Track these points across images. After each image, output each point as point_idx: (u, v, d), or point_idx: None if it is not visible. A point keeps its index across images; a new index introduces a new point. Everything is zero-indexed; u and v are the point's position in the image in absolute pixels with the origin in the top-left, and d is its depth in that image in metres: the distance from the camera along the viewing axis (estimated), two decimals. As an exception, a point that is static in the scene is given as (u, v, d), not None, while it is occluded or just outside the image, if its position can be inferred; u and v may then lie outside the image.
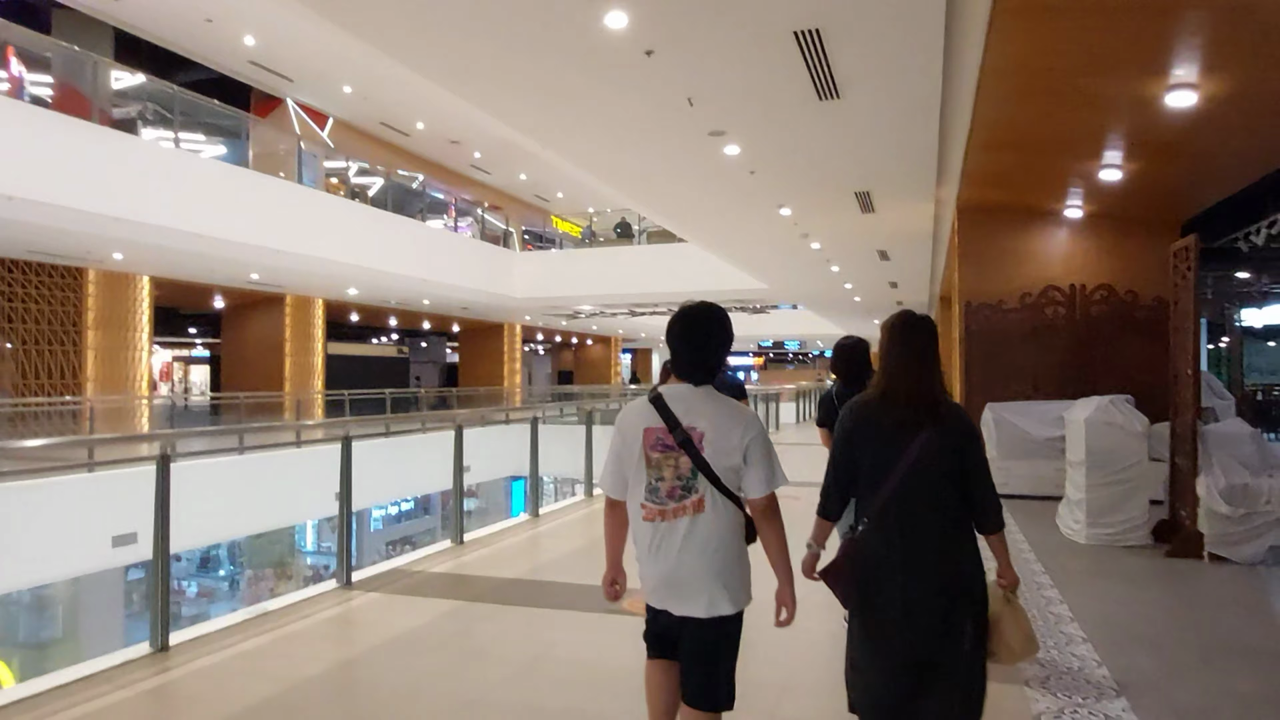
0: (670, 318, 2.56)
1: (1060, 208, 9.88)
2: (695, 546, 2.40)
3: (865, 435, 2.56)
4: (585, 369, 41.25)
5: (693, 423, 2.42)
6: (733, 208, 11.14)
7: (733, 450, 2.42)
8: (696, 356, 2.51)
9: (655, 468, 2.44)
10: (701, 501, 2.41)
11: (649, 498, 2.45)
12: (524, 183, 29.26)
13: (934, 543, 2.46)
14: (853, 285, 19.99)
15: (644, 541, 2.49)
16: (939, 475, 2.47)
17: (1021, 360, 10.12)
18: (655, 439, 2.45)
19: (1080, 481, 7.08)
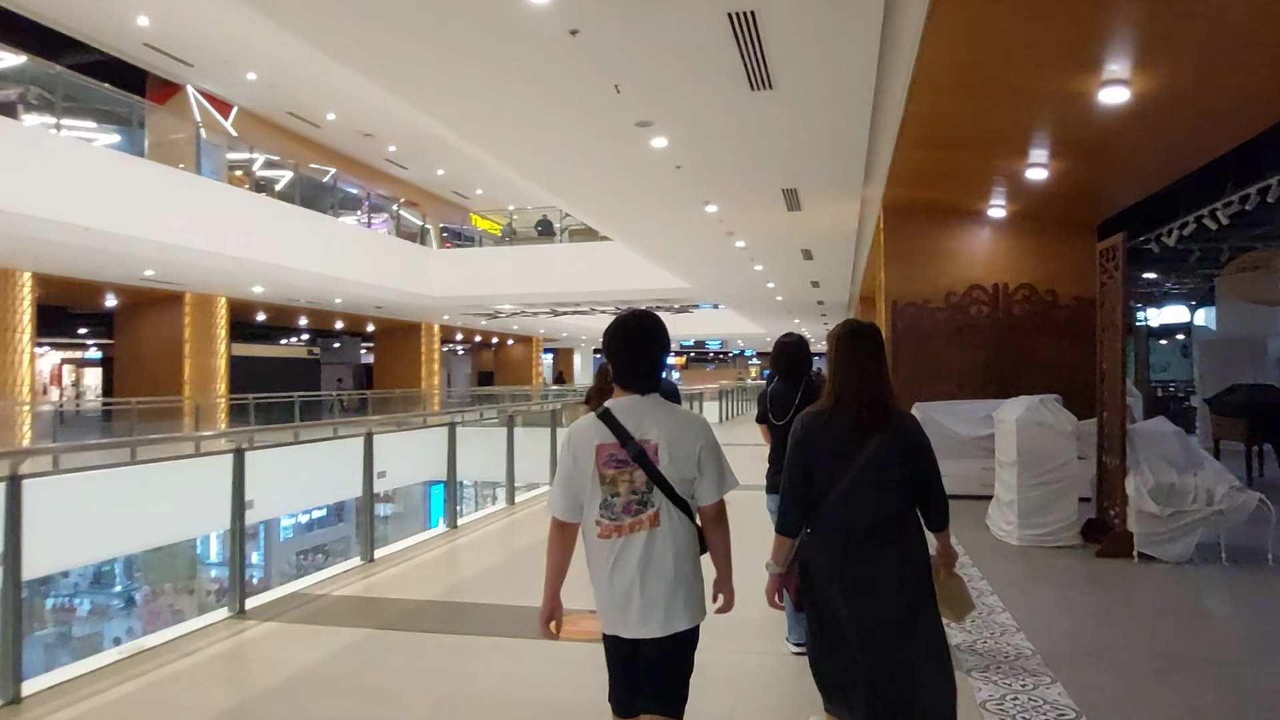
0: (608, 329, 2.51)
1: (984, 207, 9.89)
2: (654, 561, 2.36)
3: (818, 446, 2.59)
4: (506, 369, 40.50)
5: (645, 435, 2.38)
6: (658, 204, 10.85)
7: (689, 460, 2.40)
8: (641, 366, 2.47)
9: (610, 484, 2.38)
10: (657, 515, 2.37)
11: (604, 514, 2.39)
12: (442, 178, 28.46)
13: (878, 545, 2.52)
14: (775, 284, 19.99)
15: (600, 560, 2.41)
16: (887, 480, 2.53)
17: (947, 359, 10.10)
18: (608, 455, 2.38)
19: (1011, 482, 7.01)
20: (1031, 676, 3.80)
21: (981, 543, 7.02)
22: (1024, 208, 9.83)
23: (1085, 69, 5.40)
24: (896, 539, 2.56)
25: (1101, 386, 6.96)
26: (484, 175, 26.42)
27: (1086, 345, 10.04)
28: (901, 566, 2.55)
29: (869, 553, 2.52)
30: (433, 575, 6.10)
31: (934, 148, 7.61)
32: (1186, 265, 11.70)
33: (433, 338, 29.82)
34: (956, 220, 10.36)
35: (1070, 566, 6.20)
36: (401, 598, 5.38)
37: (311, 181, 20.73)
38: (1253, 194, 8.09)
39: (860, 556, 2.52)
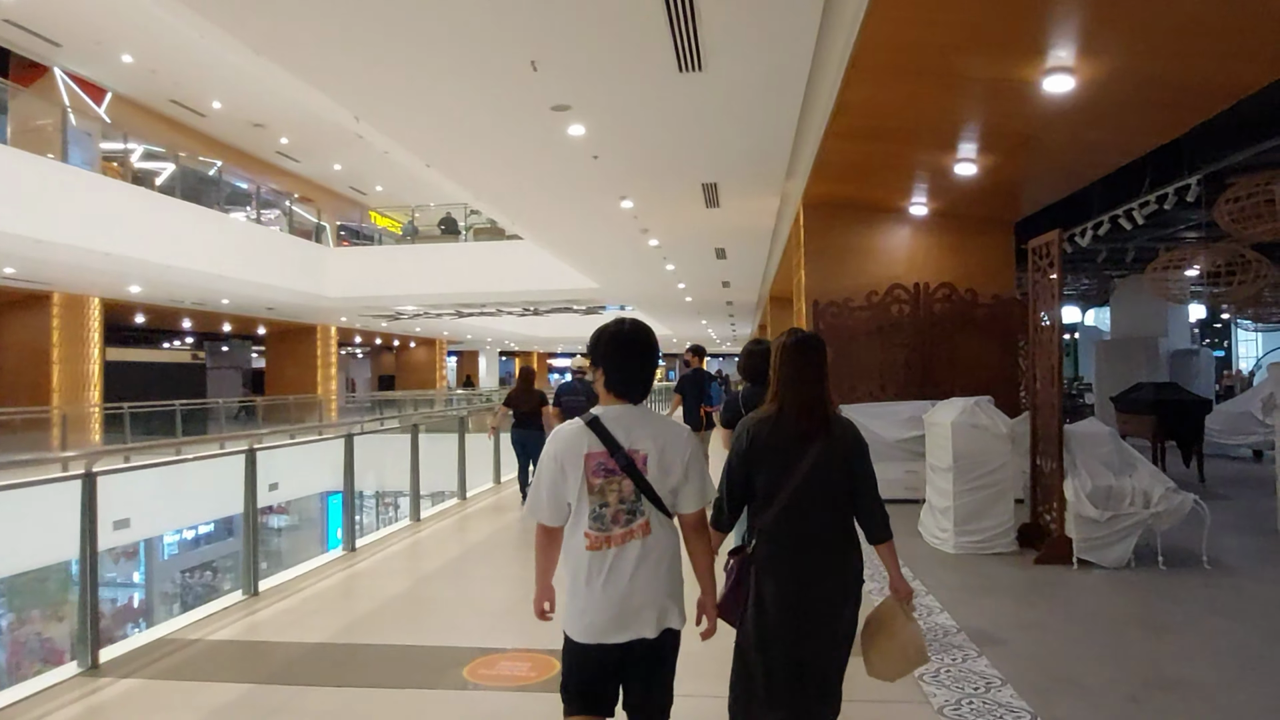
0: (604, 337, 2.49)
1: (906, 204, 9.73)
2: (648, 570, 2.37)
3: (760, 451, 2.63)
4: (409, 373, 39.10)
5: (635, 445, 2.37)
6: (572, 198, 10.30)
7: (675, 469, 2.40)
8: (638, 375, 2.47)
9: (598, 494, 2.36)
10: (648, 524, 2.38)
11: (593, 525, 2.36)
12: (339, 174, 27.15)
13: (825, 553, 2.58)
14: (687, 285, 19.68)
15: (588, 572, 2.37)
16: (830, 488, 2.58)
17: (869, 359, 9.90)
18: (597, 464, 2.36)
19: (946, 488, 6.76)
20: (1010, 713, 3.44)
21: (916, 550, 6.75)
22: (945, 205, 9.71)
23: (1031, 55, 5.15)
24: (838, 551, 2.60)
25: (1034, 387, 6.77)
26: (384, 170, 25.29)
27: (1006, 345, 10.03)
28: (845, 572, 2.61)
29: (817, 559, 2.58)
30: (327, 610, 5.37)
31: (862, 140, 7.31)
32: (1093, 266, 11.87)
33: (330, 340, 28.43)
34: (877, 218, 10.18)
35: (1012, 575, 5.96)
36: (290, 640, 4.66)
37: (196, 174, 19.30)
38: (1170, 194, 8.12)
39: (809, 563, 2.58)
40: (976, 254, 10.08)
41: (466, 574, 6.35)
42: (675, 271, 17.15)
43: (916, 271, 10.01)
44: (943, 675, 3.89)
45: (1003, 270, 10.10)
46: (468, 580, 6.15)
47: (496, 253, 21.20)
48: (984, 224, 10.08)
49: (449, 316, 24.56)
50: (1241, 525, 7.47)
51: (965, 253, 10.09)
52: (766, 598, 2.58)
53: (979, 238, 10.11)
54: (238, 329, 28.13)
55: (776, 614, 2.57)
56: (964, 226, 10.09)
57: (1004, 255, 10.16)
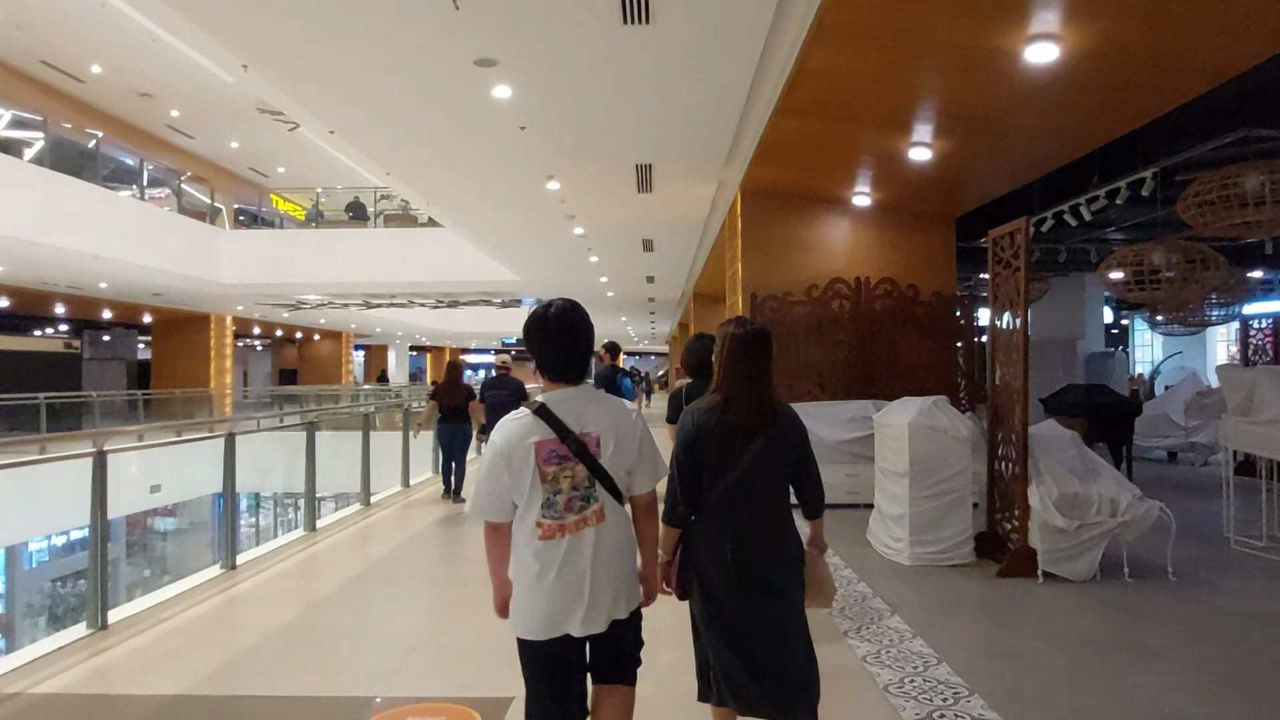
0: (530, 323, 2.40)
1: (848, 195, 9.26)
2: (604, 557, 2.31)
3: (705, 442, 2.62)
4: (312, 367, 37.18)
5: (586, 427, 2.31)
6: (495, 177, 9.47)
7: (630, 449, 2.37)
8: (574, 356, 2.39)
9: (551, 482, 2.28)
10: (602, 510, 2.32)
11: (546, 514, 2.29)
12: (237, 152, 25.35)
13: (762, 533, 2.60)
14: (609, 278, 19.00)
15: (541, 562, 2.28)
16: (771, 474, 2.64)
17: (808, 357, 9.40)
18: (549, 452, 2.28)
19: (901, 494, 6.25)
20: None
21: (869, 561, 6.24)
22: (888, 197, 9.28)
23: (1017, 18, 4.64)
24: (779, 534, 2.64)
25: (993, 387, 6.33)
26: (287, 151, 23.76)
27: (945, 344, 9.69)
28: (785, 565, 2.64)
29: (755, 550, 2.59)
30: (193, 647, 4.42)
31: (814, 118, 6.75)
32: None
33: (225, 331, 26.63)
34: (818, 209, 9.69)
35: (977, 591, 5.47)
36: (144, 691, 3.72)
37: (73, 146, 17.55)
38: (1123, 188, 7.85)
39: (747, 554, 2.58)
40: (918, 250, 9.70)
41: (368, 597, 5.49)
42: (599, 264, 16.44)
43: (857, 266, 9.57)
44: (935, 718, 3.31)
45: (944, 267, 9.75)
46: (370, 606, 5.29)
47: (409, 241, 20.06)
48: (926, 219, 9.71)
49: (356, 307, 23.21)
50: (1187, 531, 7.22)
51: (907, 249, 9.70)
52: (708, 576, 2.60)
53: (921, 233, 9.73)
54: (121, 316, 26.03)
55: (719, 591, 2.58)
56: (906, 221, 9.70)
57: (945, 252, 9.81)
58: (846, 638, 4.42)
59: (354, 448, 9.20)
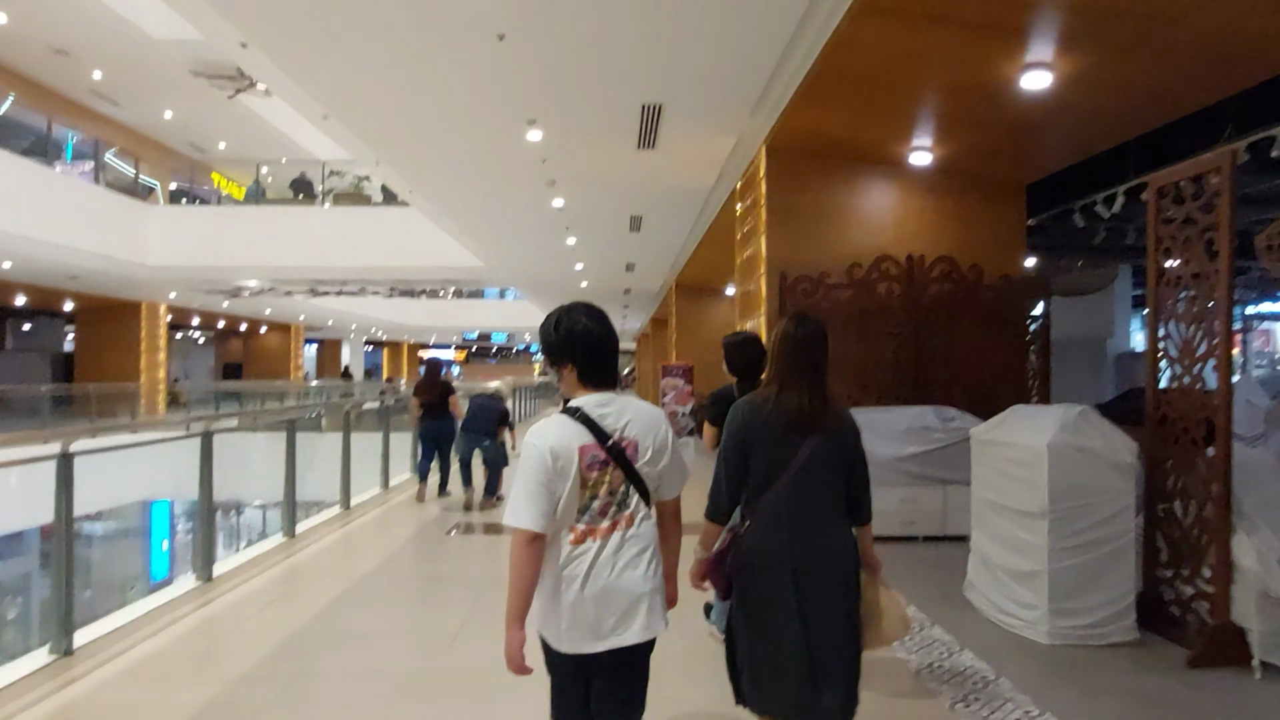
0: (562, 332, 2.30)
1: (902, 151, 7.48)
2: (629, 563, 2.22)
3: (758, 437, 2.56)
4: (258, 361, 34.66)
5: (624, 431, 2.26)
6: (461, 115, 7.52)
7: (663, 455, 2.31)
8: (609, 358, 2.33)
9: (593, 487, 2.23)
10: (632, 517, 2.26)
11: (580, 518, 2.22)
12: (171, 124, 22.85)
13: (824, 539, 2.53)
14: (585, 265, 17.07)
15: (572, 568, 2.20)
16: (828, 474, 2.54)
17: (848, 352, 7.62)
18: (590, 457, 2.22)
19: (1033, 544, 4.47)
20: None
21: (982, 633, 4.47)
22: (950, 155, 7.52)
23: None
24: (836, 530, 2.56)
25: (1160, 394, 4.57)
26: (227, 122, 21.45)
27: (1012, 338, 7.98)
28: (843, 570, 2.55)
29: (814, 542, 2.51)
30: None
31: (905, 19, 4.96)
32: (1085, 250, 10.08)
33: (157, 321, 24.21)
34: (860, 170, 7.91)
35: (1162, 692, 3.71)
36: None
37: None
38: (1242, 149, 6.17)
39: (807, 546, 2.50)
40: (981, 223, 7.97)
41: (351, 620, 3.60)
42: (576, 247, 14.52)
43: (907, 242, 7.81)
44: None
45: (1012, 244, 8.04)
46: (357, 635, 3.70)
47: (360, 221, 18.05)
48: (991, 185, 7.99)
49: (302, 296, 21.00)
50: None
51: (967, 221, 7.96)
52: (759, 580, 2.52)
53: (985, 202, 8.00)
54: (38, 303, 23.51)
55: (771, 595, 2.50)
56: (967, 187, 7.97)
57: (1014, 226, 8.10)
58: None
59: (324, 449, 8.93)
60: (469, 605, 5.04)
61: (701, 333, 19.42)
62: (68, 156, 19.79)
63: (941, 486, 6.95)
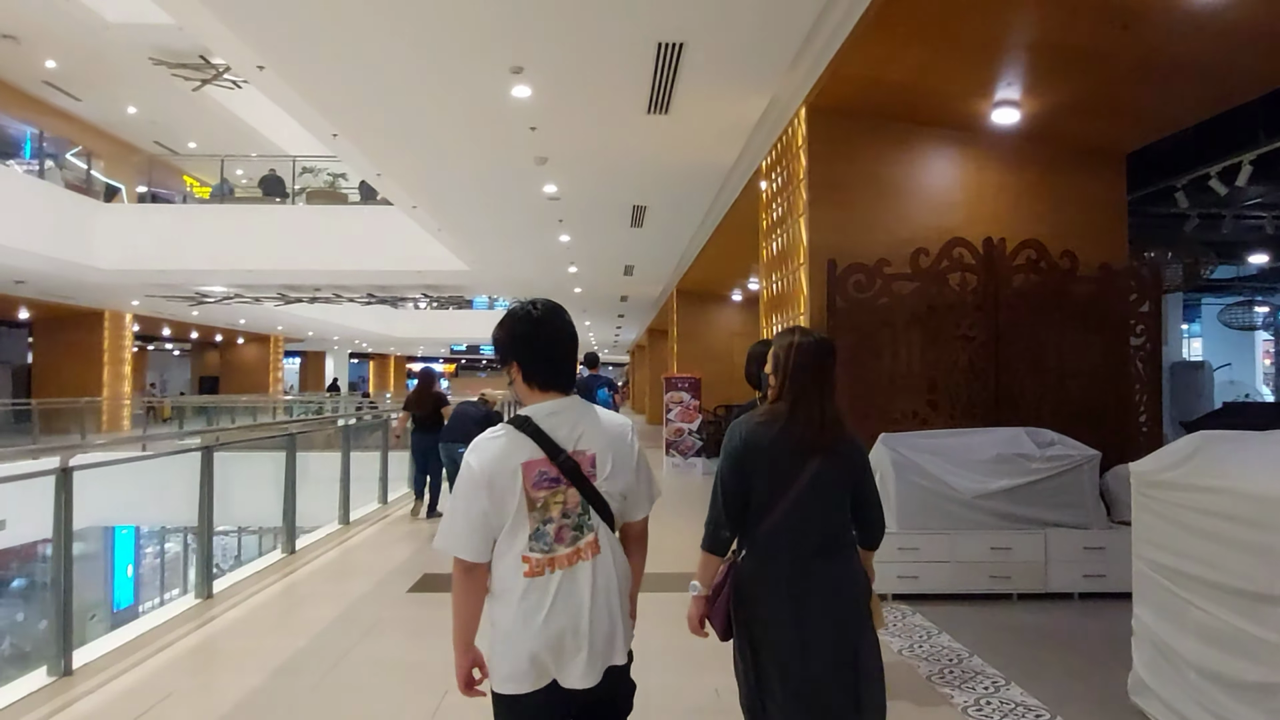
0: (509, 324, 2.08)
1: (982, 106, 6.01)
2: (599, 597, 1.98)
3: (762, 459, 2.38)
4: (236, 375, 33.03)
5: (579, 445, 2.01)
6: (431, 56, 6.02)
7: (626, 469, 2.06)
8: (566, 359, 2.10)
9: (541, 509, 1.97)
10: (596, 542, 2.01)
11: (534, 547, 1.96)
12: (135, 120, 21.30)
13: (827, 567, 2.35)
14: (580, 268, 15.61)
15: (528, 603, 1.94)
16: (832, 499, 2.39)
17: (912, 359, 6.15)
18: (538, 474, 1.97)
19: (1275, 643, 2.96)
20: None
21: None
22: (1038, 114, 6.06)
23: None
24: (841, 556, 2.39)
25: None
26: (195, 119, 20.04)
27: (1117, 342, 6.50)
28: (850, 583, 2.37)
29: (818, 570, 2.32)
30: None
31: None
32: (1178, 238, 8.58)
33: (122, 331, 22.67)
34: (923, 135, 6.45)
35: None
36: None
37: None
38: None
39: (810, 574, 2.32)
40: (1073, 200, 6.51)
41: None
42: (570, 247, 13.04)
43: (982, 223, 6.34)
44: None
45: (1111, 227, 6.58)
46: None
47: (336, 221, 16.52)
48: (1085, 153, 6.53)
49: (273, 302, 19.41)
50: None
51: (1055, 198, 6.50)
52: (763, 613, 2.33)
53: (1077, 175, 6.54)
54: (-9, 312, 21.93)
55: (779, 629, 2.31)
56: (1056, 155, 6.52)
57: (1112, 204, 6.64)
58: None
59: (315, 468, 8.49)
60: None
61: (705, 343, 18.00)
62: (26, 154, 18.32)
63: (1041, 531, 5.47)
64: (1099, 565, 5.48)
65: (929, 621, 4.94)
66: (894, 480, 5.41)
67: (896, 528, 5.40)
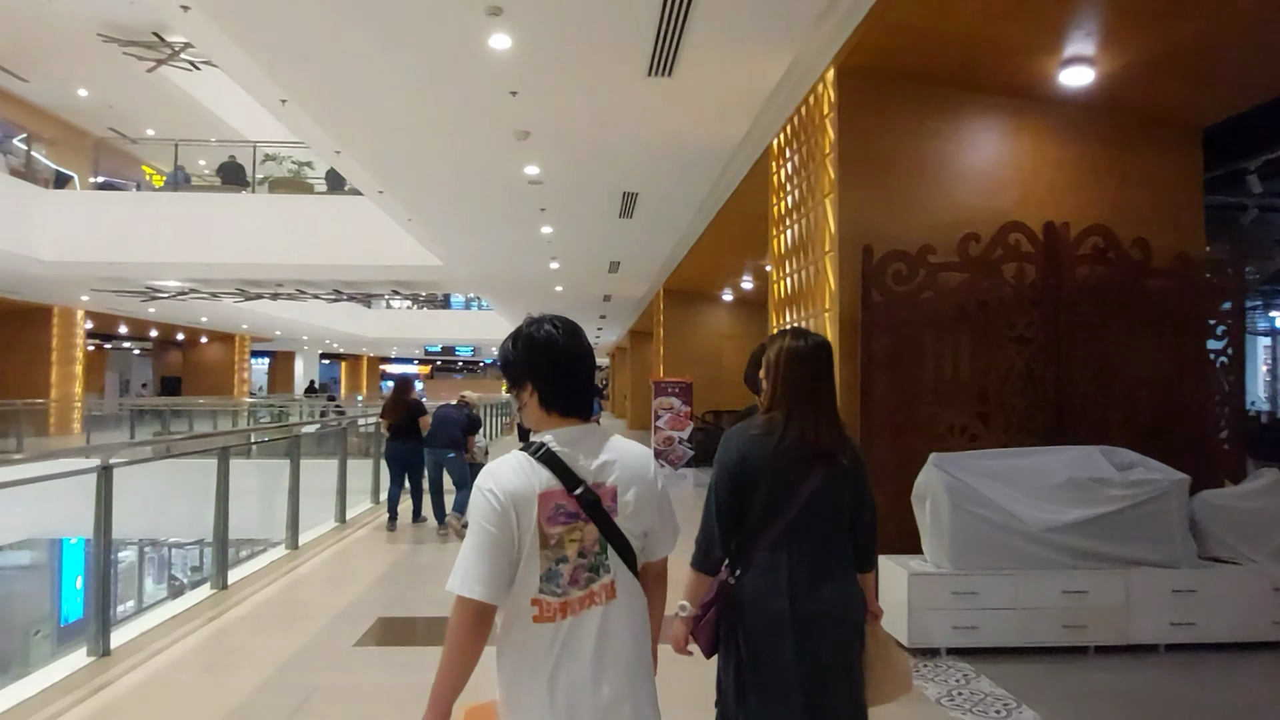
0: (523, 344, 1.84)
1: (1049, 65, 5.08)
2: (612, 649, 1.72)
3: (760, 472, 2.23)
4: (200, 375, 31.65)
5: (600, 476, 1.77)
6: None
7: (651, 506, 1.83)
8: (584, 381, 1.86)
9: (556, 547, 1.71)
10: (613, 585, 1.76)
11: (546, 588, 1.70)
12: (89, 105, 20.02)
13: (827, 586, 2.21)
14: (561, 264, 14.59)
15: (537, 655, 1.69)
16: (833, 515, 2.25)
17: (960, 366, 5.22)
18: (554, 507, 1.72)
19: None
20: None
21: None
22: (1110, 77, 5.15)
23: None
24: (846, 576, 2.26)
25: None
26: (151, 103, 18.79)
27: (1195, 345, 5.61)
28: (855, 607, 2.25)
29: (818, 590, 2.18)
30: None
31: None
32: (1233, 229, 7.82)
33: (73, 328, 21.38)
34: (973, 102, 5.52)
35: None
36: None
37: None
38: None
39: (812, 596, 2.17)
40: (1146, 181, 5.61)
41: None
42: (552, 240, 12.04)
43: (1040, 205, 5.43)
44: None
45: (1187, 212, 5.68)
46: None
47: (300, 212, 15.41)
48: (1159, 125, 5.64)
49: (232, 299, 18.20)
50: None
51: (1122, 177, 5.60)
52: (757, 637, 2.18)
53: (1147, 150, 5.65)
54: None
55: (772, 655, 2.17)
56: (1126, 127, 5.62)
57: (1188, 186, 5.75)
58: None
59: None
60: None
61: (692, 345, 17.04)
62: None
63: (1123, 571, 4.57)
64: (1189, 611, 4.60)
65: (1001, 688, 4.00)
66: (949, 510, 4.47)
67: (951, 567, 4.47)
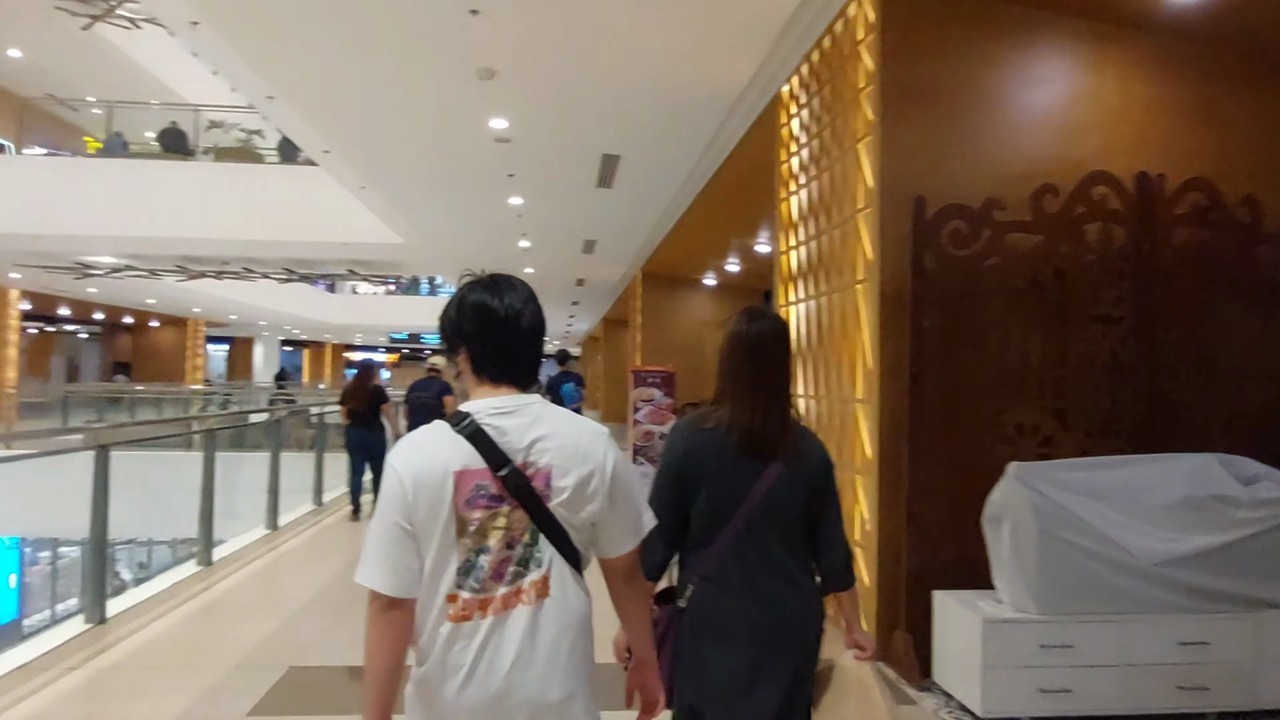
0: (467, 294, 1.61)
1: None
2: (540, 654, 1.48)
3: (705, 468, 2.02)
4: (150, 361, 30.04)
5: (533, 455, 1.52)
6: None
7: (595, 491, 1.55)
8: (525, 344, 1.60)
9: (475, 534, 1.49)
10: (545, 581, 1.51)
11: (462, 582, 1.48)
12: (21, 66, 18.39)
13: (785, 597, 2.00)
14: (533, 243, 13.44)
15: (451, 656, 1.47)
16: (790, 516, 2.03)
17: (1031, 349, 4.18)
18: (473, 487, 1.49)
19: None
20: None
21: None
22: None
23: None
24: (793, 590, 2.01)
25: None
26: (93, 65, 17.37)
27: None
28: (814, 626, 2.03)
29: (775, 602, 1.99)
30: None
31: None
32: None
33: (7, 309, 19.91)
34: (1045, 25, 4.47)
35: None
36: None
37: None
38: None
39: (766, 608, 1.98)
40: (1247, 125, 4.59)
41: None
42: (522, 213, 10.89)
43: (1126, 153, 4.38)
44: None
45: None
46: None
47: (248, 182, 14.08)
48: (1265, 59, 4.62)
49: (172, 277, 16.79)
50: None
51: (1223, 121, 4.58)
52: (706, 663, 1.99)
53: (1252, 90, 4.63)
54: None
55: (719, 683, 1.97)
56: (1229, 61, 4.59)
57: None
58: None
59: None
60: None
61: (671, 333, 15.99)
62: None
63: (1248, 616, 3.55)
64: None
65: None
66: (1036, 537, 3.43)
67: (1037, 611, 3.43)
